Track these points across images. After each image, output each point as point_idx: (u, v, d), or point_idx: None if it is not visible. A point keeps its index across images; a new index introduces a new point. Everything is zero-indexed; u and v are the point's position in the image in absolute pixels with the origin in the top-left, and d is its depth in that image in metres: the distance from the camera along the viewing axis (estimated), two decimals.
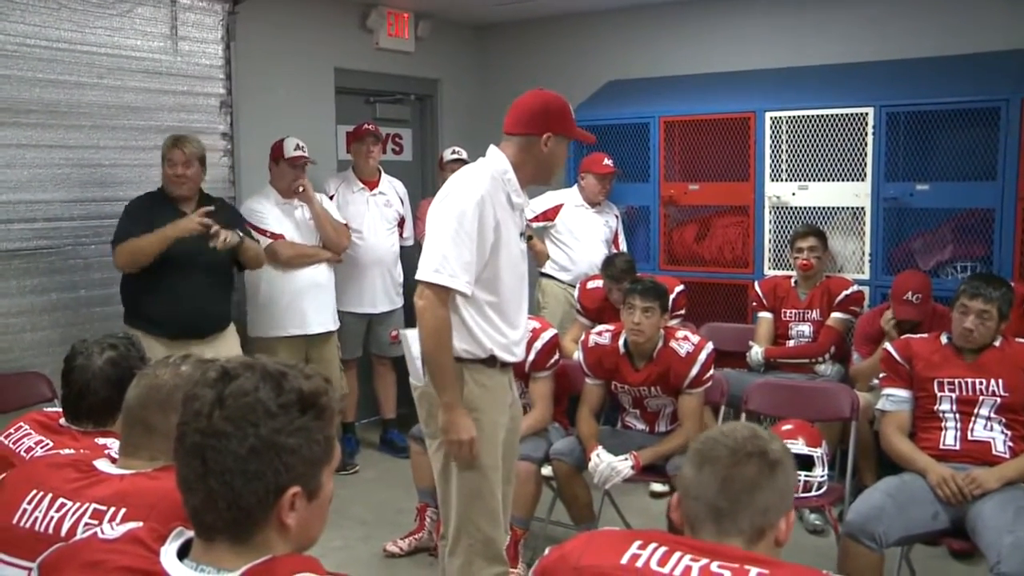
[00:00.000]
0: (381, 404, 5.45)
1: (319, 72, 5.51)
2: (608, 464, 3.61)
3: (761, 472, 1.57)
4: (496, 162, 2.77)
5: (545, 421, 3.92)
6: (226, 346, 4.14)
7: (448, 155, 5.44)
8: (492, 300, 2.73)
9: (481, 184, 2.68)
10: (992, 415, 3.16)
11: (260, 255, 4.32)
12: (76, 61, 4.27)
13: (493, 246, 2.68)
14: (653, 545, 1.52)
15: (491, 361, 2.76)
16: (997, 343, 3.23)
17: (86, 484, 1.72)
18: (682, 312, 4.71)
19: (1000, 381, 3.15)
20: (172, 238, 3.87)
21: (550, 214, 5.22)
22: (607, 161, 5.15)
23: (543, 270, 5.29)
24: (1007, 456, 3.10)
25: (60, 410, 2.32)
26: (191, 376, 1.79)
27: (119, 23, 4.42)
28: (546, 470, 3.83)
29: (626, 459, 3.61)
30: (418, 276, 2.67)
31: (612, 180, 5.25)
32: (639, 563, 1.50)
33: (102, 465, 1.79)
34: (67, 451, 2.05)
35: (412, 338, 2.76)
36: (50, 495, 1.71)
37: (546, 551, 1.66)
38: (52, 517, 1.67)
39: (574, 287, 5.06)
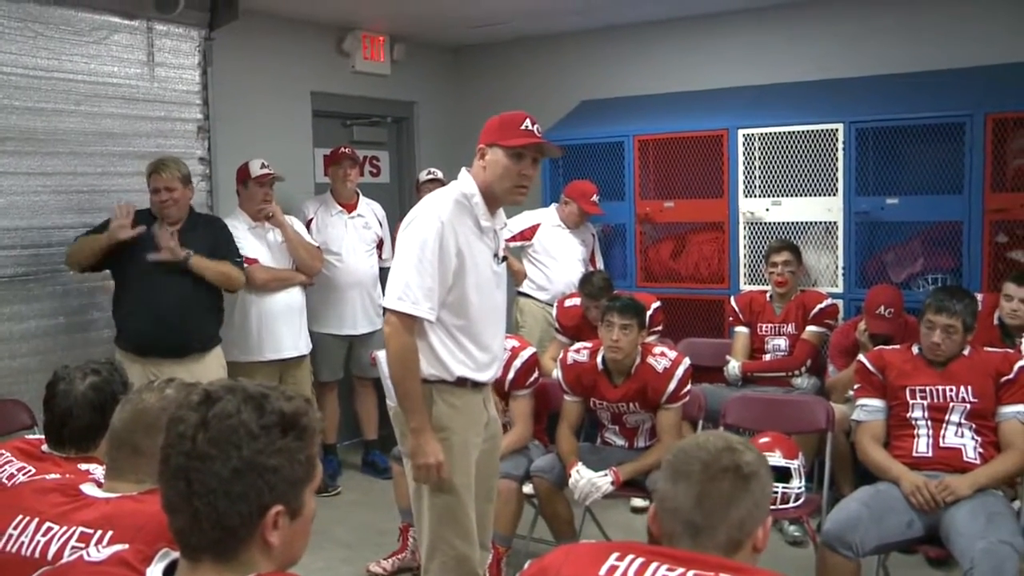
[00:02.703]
0: (363, 425, 5.46)
1: (296, 96, 5.54)
2: (588, 480, 3.64)
3: (735, 487, 1.57)
4: (463, 186, 2.80)
5: (525, 439, 3.95)
6: (202, 368, 4.12)
7: (423, 176, 5.48)
8: (460, 324, 2.76)
9: (442, 210, 2.72)
10: (963, 421, 3.23)
11: (228, 277, 4.23)
12: (53, 88, 4.29)
13: (457, 271, 2.71)
14: (631, 556, 1.53)
15: (461, 382, 2.79)
16: (966, 352, 3.30)
17: (72, 508, 1.74)
18: (659, 328, 4.76)
19: (969, 388, 3.23)
20: (106, 243, 3.96)
21: (527, 234, 5.25)
22: (595, 199, 5.16)
23: (520, 289, 5.33)
24: (977, 462, 3.16)
25: (42, 437, 2.32)
26: (176, 399, 1.82)
27: (96, 50, 4.44)
28: (527, 488, 3.85)
29: (606, 475, 3.65)
30: (383, 303, 2.72)
31: None
32: (617, 574, 1.51)
33: (88, 489, 1.80)
34: (52, 476, 2.05)
35: (384, 357, 2.80)
36: (36, 519, 1.72)
37: (526, 565, 1.69)
38: (39, 541, 1.69)
39: (552, 306, 5.10)
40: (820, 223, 4.93)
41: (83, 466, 2.12)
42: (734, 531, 1.57)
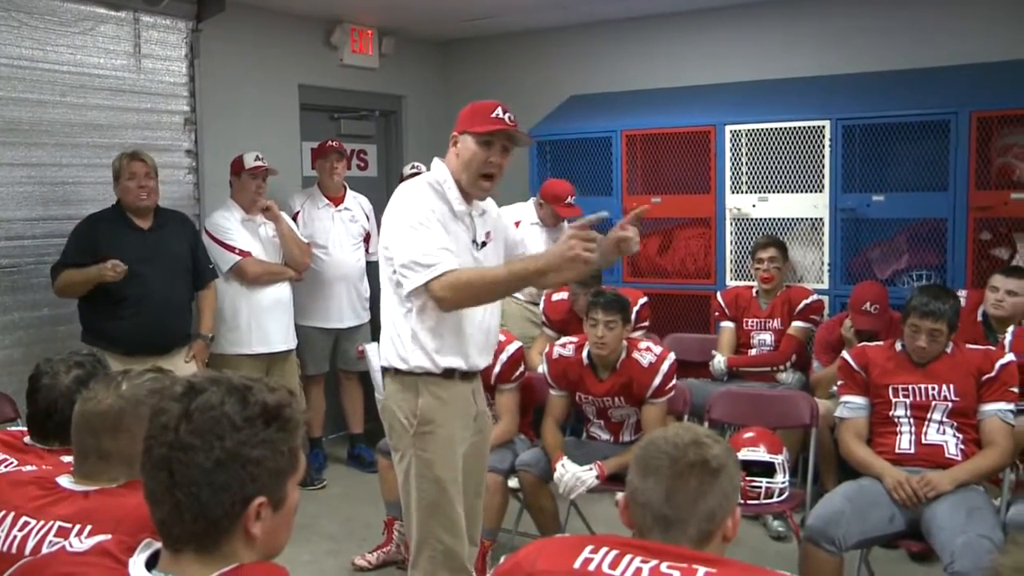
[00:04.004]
0: (348, 419, 5.45)
1: (283, 89, 5.53)
2: (573, 474, 3.65)
3: (703, 482, 1.59)
4: (435, 174, 2.81)
5: (511, 433, 3.96)
6: (183, 361, 4.16)
7: (407, 170, 5.46)
8: (441, 311, 2.73)
9: (420, 189, 2.74)
10: (944, 419, 3.25)
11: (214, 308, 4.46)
12: (38, 79, 4.27)
13: None
14: (604, 549, 1.56)
15: (449, 373, 2.78)
16: (948, 350, 3.33)
17: (49, 502, 1.73)
18: (646, 324, 4.77)
19: (951, 386, 3.25)
20: (94, 280, 3.92)
21: None
22: (570, 200, 5.07)
23: None
24: (959, 459, 3.19)
25: (24, 429, 2.31)
26: (133, 395, 1.81)
27: (81, 41, 4.42)
28: (512, 481, 3.86)
29: (591, 469, 3.66)
30: (415, 285, 2.63)
31: None
32: (591, 567, 1.53)
33: (64, 482, 1.79)
34: (29, 468, 2.04)
35: (374, 352, 2.79)
36: (12, 513, 1.71)
37: (501, 559, 1.69)
38: (15, 536, 1.68)
39: (532, 304, 5.10)
40: (806, 219, 4.95)
41: (66, 458, 2.11)
42: (704, 523, 1.59)
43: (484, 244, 2.86)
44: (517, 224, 5.14)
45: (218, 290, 4.59)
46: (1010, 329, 3.87)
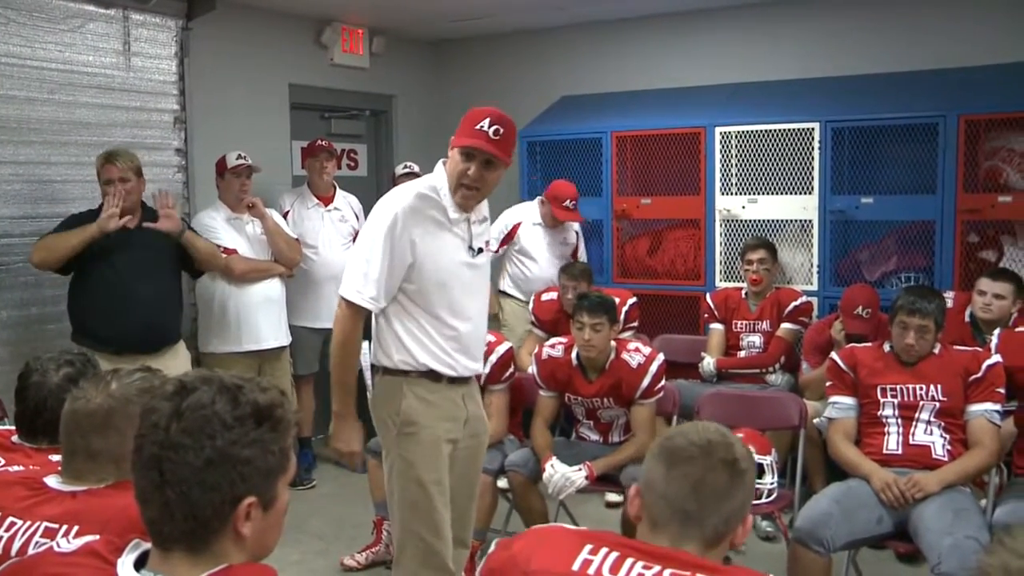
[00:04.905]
0: None
1: (274, 88, 5.51)
2: (562, 475, 3.65)
3: (732, 481, 1.56)
4: (434, 179, 2.81)
5: (500, 434, 3.96)
6: (176, 362, 4.11)
7: (399, 170, 5.47)
8: (426, 315, 2.77)
9: (401, 202, 2.73)
10: (932, 419, 3.27)
11: (213, 253, 4.36)
12: (26, 76, 4.24)
13: (414, 262, 2.72)
14: (604, 550, 1.51)
15: (434, 375, 2.79)
16: (936, 350, 3.35)
17: (36, 502, 1.72)
18: (635, 324, 4.78)
19: (939, 386, 3.27)
20: (92, 235, 3.85)
21: (511, 234, 5.19)
22: (569, 203, 5.03)
23: (501, 288, 5.28)
24: (946, 459, 3.21)
25: (11, 428, 2.30)
26: (123, 394, 1.80)
27: (70, 38, 4.40)
28: (502, 482, 3.87)
29: (580, 469, 3.66)
30: (341, 293, 2.81)
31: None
32: (591, 569, 1.48)
33: (52, 482, 1.78)
34: (16, 468, 2.03)
35: (366, 351, 2.81)
36: None
37: (492, 545, 1.66)
38: (2, 537, 1.67)
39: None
40: (795, 221, 4.97)
41: (54, 457, 2.10)
42: (720, 524, 1.55)
43: (480, 251, 2.87)
44: (518, 225, 5.17)
45: (206, 288, 4.59)
46: (996, 332, 3.89)
